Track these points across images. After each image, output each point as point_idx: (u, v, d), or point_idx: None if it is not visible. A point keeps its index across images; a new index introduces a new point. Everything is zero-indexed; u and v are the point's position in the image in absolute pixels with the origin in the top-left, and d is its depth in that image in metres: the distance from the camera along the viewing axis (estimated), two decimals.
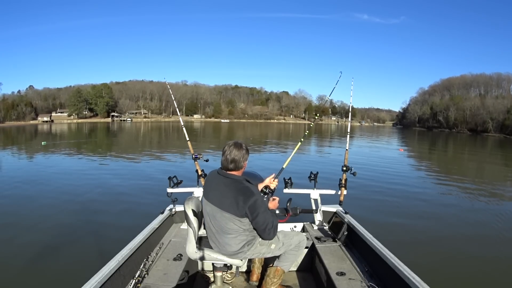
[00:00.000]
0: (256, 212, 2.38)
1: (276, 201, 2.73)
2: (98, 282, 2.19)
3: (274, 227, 2.51)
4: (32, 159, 17.14)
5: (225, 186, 2.43)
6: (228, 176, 2.45)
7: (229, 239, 2.48)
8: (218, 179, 2.49)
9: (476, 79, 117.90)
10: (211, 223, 2.52)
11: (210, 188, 2.54)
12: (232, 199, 2.37)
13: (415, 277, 2.28)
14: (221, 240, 2.51)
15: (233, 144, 2.46)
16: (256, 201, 2.37)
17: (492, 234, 6.31)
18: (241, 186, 2.41)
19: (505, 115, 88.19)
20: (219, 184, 2.47)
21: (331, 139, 38.86)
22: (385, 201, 8.54)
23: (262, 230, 2.46)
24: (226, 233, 2.47)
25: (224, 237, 2.49)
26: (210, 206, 2.48)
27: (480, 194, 10.42)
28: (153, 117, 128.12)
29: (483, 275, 4.68)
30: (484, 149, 34.70)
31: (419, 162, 20.33)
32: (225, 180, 2.44)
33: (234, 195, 2.38)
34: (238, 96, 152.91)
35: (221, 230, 2.47)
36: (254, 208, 2.36)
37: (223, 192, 2.42)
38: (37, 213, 6.90)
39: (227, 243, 2.50)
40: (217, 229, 2.49)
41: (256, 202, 2.37)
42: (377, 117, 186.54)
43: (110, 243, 4.82)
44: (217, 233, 2.51)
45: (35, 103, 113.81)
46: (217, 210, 2.44)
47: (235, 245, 2.50)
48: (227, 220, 2.42)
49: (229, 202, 2.38)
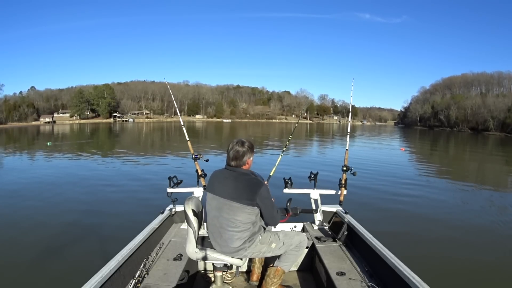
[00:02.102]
0: (267, 199, 2.54)
1: None
2: (98, 282, 2.20)
3: (279, 213, 2.73)
4: (39, 159, 17.22)
5: (234, 178, 2.54)
6: (236, 170, 2.57)
7: (232, 234, 2.52)
8: (226, 173, 2.60)
9: (477, 77, 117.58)
10: (215, 218, 2.57)
11: (216, 182, 2.62)
12: (243, 190, 2.50)
13: (415, 277, 2.27)
14: (224, 235, 2.54)
15: (238, 142, 2.60)
16: (265, 189, 2.53)
17: (493, 234, 6.29)
18: (250, 178, 2.55)
19: (506, 113, 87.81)
20: (227, 178, 2.56)
21: (333, 139, 38.77)
22: (385, 201, 8.52)
23: (271, 216, 2.62)
24: (230, 226, 2.51)
25: (227, 232, 2.52)
26: (216, 200, 2.55)
27: (482, 194, 10.42)
28: (155, 117, 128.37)
29: (483, 275, 4.66)
30: (485, 148, 34.54)
31: (420, 161, 20.28)
32: (234, 174, 2.56)
33: (245, 185, 2.51)
34: (240, 96, 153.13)
35: (226, 224, 2.52)
36: (265, 196, 2.51)
37: (233, 184, 2.52)
38: (37, 212, 6.94)
39: (229, 239, 2.53)
40: (221, 223, 2.54)
41: (266, 191, 2.54)
42: (379, 116, 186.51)
43: (110, 243, 4.83)
44: (220, 228, 2.55)
45: (37, 104, 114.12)
46: (225, 202, 2.51)
47: (237, 240, 2.52)
48: (236, 210, 2.48)
49: (240, 192, 2.49)
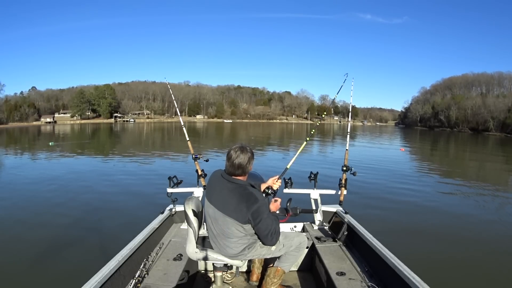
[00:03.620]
0: (259, 219, 2.36)
1: (278, 203, 2.66)
2: (98, 282, 2.20)
3: (277, 233, 2.48)
4: (41, 159, 17.24)
5: (229, 191, 2.40)
6: (232, 181, 2.41)
7: (230, 242, 2.47)
8: (222, 182, 2.45)
9: (478, 78, 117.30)
10: (212, 225, 2.51)
11: (213, 190, 2.51)
12: (236, 205, 2.35)
13: (415, 277, 2.27)
14: (222, 242, 2.51)
15: (239, 148, 2.41)
16: (259, 207, 2.35)
17: (494, 234, 6.27)
18: (245, 192, 2.38)
19: (506, 114, 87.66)
20: (222, 188, 2.43)
21: (333, 139, 38.70)
22: (385, 201, 8.52)
23: (265, 236, 2.44)
24: (227, 236, 2.45)
25: (225, 240, 2.48)
26: (212, 209, 2.46)
27: (482, 194, 10.38)
28: (156, 117, 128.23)
29: (483, 275, 4.65)
30: (485, 148, 34.46)
31: (420, 161, 20.26)
32: (229, 185, 2.41)
33: (238, 201, 2.35)
34: (240, 96, 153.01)
35: (222, 233, 2.46)
36: (257, 214, 2.34)
37: (227, 196, 2.39)
38: (37, 212, 6.94)
39: (228, 246, 2.49)
40: (219, 232, 2.48)
41: (259, 209, 2.35)
42: (379, 117, 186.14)
43: (110, 243, 4.83)
44: (218, 236, 2.50)
45: (38, 104, 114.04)
46: (219, 214, 2.42)
47: (236, 248, 2.49)
48: (229, 224, 2.40)
49: (233, 208, 2.36)
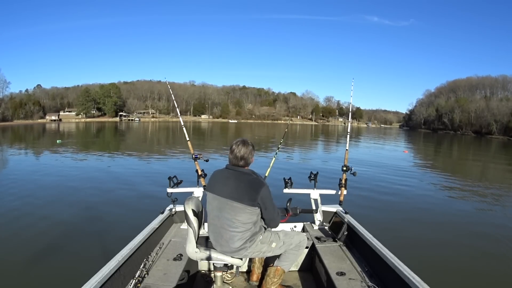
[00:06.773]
0: (268, 200, 2.53)
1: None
2: (98, 282, 2.20)
3: (279, 216, 2.74)
4: (47, 156, 17.45)
5: (236, 178, 2.53)
6: (238, 170, 2.56)
7: (233, 234, 2.50)
8: (227, 173, 2.58)
9: (482, 81, 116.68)
10: (216, 218, 2.55)
11: (217, 182, 2.60)
12: (245, 190, 2.48)
13: (415, 277, 2.27)
14: (224, 235, 2.53)
15: (241, 142, 2.59)
16: (267, 190, 2.52)
17: (494, 235, 6.25)
18: (252, 178, 2.53)
19: (509, 117, 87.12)
20: (229, 177, 2.55)
21: (338, 141, 38.55)
22: (386, 201, 8.52)
23: (271, 218, 2.62)
24: (231, 227, 2.49)
25: (228, 232, 2.51)
26: (218, 199, 2.54)
27: (483, 195, 10.37)
28: (161, 117, 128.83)
29: (483, 275, 4.64)
30: (488, 152, 34.19)
31: (422, 164, 20.15)
32: (236, 173, 2.55)
33: (247, 185, 2.49)
34: (245, 97, 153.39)
35: (227, 224, 2.50)
36: (266, 197, 2.50)
37: (235, 183, 2.51)
38: (37, 212, 6.91)
39: (230, 239, 2.51)
40: (222, 224, 2.52)
41: (267, 191, 2.52)
42: (384, 119, 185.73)
43: (110, 243, 4.83)
44: (221, 228, 2.53)
45: (43, 102, 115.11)
46: (226, 202, 2.49)
47: (238, 240, 2.51)
48: (237, 211, 2.46)
49: (242, 193, 2.47)
